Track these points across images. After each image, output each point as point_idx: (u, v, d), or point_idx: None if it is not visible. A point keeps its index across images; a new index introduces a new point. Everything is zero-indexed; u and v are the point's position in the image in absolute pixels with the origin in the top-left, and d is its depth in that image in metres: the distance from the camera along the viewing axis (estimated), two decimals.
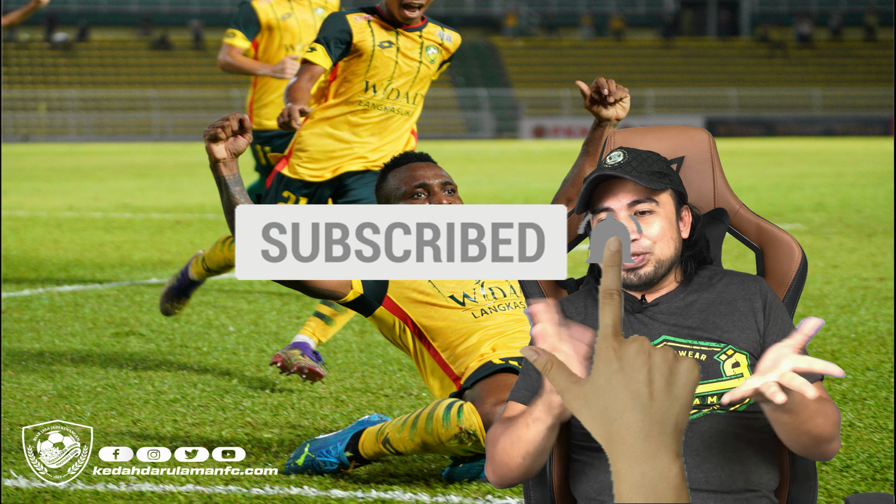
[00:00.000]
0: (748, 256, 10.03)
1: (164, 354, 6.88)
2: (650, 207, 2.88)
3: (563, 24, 63.16)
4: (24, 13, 9.93)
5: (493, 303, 4.45)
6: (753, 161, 29.80)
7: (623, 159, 2.89)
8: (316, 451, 4.59)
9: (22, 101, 53.11)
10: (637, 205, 2.88)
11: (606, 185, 2.90)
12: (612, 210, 2.88)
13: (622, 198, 2.88)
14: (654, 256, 2.88)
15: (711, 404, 2.82)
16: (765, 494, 2.83)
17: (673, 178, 2.92)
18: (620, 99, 4.44)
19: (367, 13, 6.04)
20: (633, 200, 2.88)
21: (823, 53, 60.90)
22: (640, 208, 2.88)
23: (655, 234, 2.87)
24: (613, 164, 2.88)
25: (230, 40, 8.09)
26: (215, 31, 56.67)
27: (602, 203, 2.89)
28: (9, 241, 12.69)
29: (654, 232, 2.87)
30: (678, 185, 2.93)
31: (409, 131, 6.27)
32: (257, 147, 8.47)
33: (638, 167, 2.87)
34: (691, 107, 55.09)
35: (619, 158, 2.89)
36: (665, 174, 2.90)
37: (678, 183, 2.93)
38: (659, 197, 2.89)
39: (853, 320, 7.73)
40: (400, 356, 6.71)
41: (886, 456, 4.79)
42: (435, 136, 47.04)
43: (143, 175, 25.39)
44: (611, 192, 2.89)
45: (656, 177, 2.88)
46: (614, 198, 2.89)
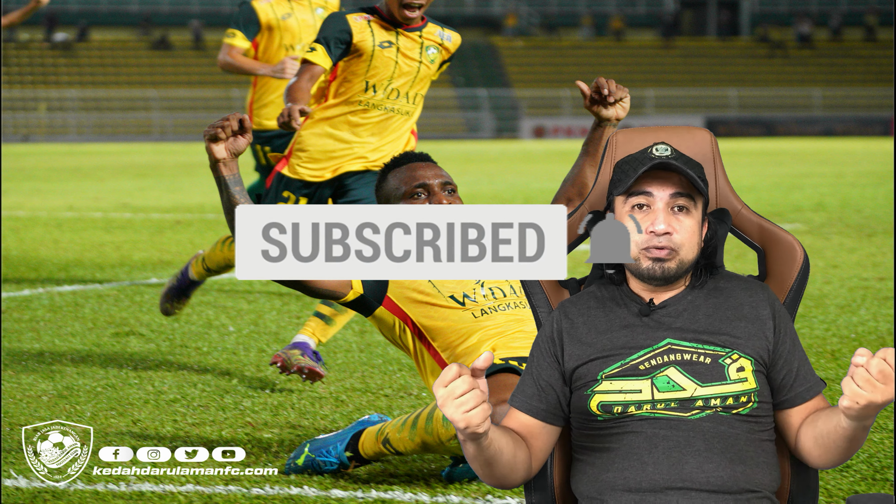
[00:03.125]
0: (748, 256, 10.03)
1: (164, 354, 6.88)
2: (688, 205, 2.88)
3: (563, 24, 63.15)
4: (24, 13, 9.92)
5: (493, 303, 4.45)
6: (753, 161, 29.80)
7: (671, 154, 2.88)
8: (316, 451, 4.59)
9: (22, 101, 53.10)
10: (679, 198, 2.87)
11: (650, 173, 2.88)
12: (654, 197, 2.87)
13: (667, 187, 2.87)
14: (680, 256, 2.87)
15: (714, 406, 2.82)
16: (766, 495, 2.83)
17: (707, 186, 2.93)
18: (620, 99, 4.43)
19: (367, 13, 6.04)
20: (677, 192, 2.87)
21: (823, 53, 60.89)
22: (680, 203, 2.87)
23: (686, 234, 2.87)
24: (663, 156, 2.87)
25: (230, 40, 8.09)
26: (215, 31, 56.67)
27: (644, 187, 2.88)
28: (9, 241, 12.69)
29: (685, 231, 2.87)
30: (708, 195, 2.94)
31: (409, 131, 6.27)
32: (257, 147, 8.47)
33: (686, 164, 2.87)
34: (691, 107, 55.08)
35: (666, 152, 2.88)
36: (705, 181, 2.91)
37: (708, 193, 2.94)
38: (697, 200, 2.89)
39: (853, 320, 7.73)
40: (400, 356, 6.71)
41: (886, 456, 4.79)
42: (435, 136, 47.03)
43: (143, 175, 25.39)
44: (656, 180, 2.88)
45: (699, 180, 2.89)
46: (660, 186, 2.87)
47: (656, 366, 2.84)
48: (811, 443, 2.82)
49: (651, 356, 2.85)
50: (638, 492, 2.80)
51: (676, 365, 2.84)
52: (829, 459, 2.80)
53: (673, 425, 2.81)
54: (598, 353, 2.88)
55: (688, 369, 2.83)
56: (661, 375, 2.84)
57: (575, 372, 2.89)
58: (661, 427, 2.81)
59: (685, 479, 2.79)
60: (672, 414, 2.82)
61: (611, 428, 2.85)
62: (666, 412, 2.82)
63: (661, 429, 2.81)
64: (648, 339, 2.87)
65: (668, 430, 2.81)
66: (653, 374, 2.84)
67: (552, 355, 2.91)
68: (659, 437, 2.81)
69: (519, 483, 2.87)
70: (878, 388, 2.55)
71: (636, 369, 2.85)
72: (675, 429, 2.81)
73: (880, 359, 2.54)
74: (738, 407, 2.83)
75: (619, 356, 2.87)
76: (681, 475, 2.79)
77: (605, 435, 2.86)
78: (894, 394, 2.54)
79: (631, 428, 2.83)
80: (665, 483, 2.79)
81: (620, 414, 2.84)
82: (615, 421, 2.85)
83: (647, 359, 2.85)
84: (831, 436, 2.75)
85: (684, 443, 2.80)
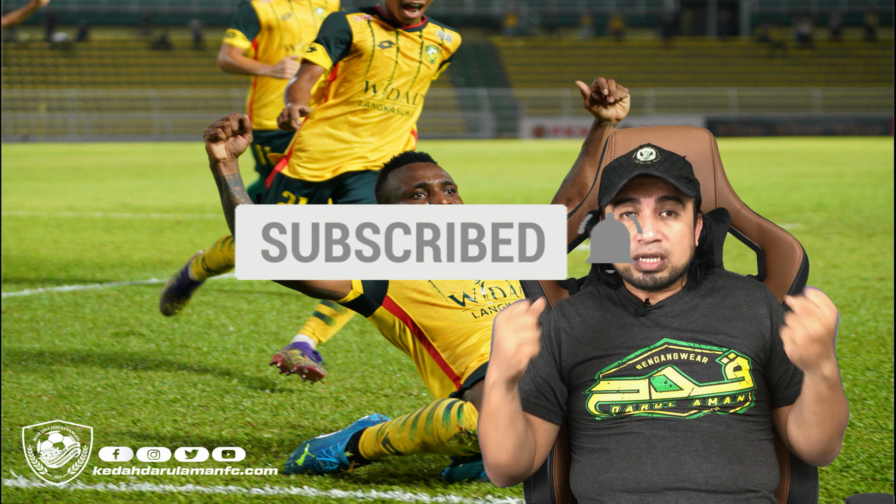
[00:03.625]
0: (748, 256, 10.03)
1: (164, 354, 6.88)
2: (676, 208, 2.87)
3: (563, 24, 63.14)
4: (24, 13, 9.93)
5: (493, 303, 4.45)
6: (753, 161, 29.80)
7: (656, 158, 2.87)
8: (316, 451, 4.59)
9: (22, 101, 53.10)
10: (666, 202, 2.86)
11: (636, 179, 2.88)
12: (640, 203, 2.86)
13: (653, 193, 2.87)
14: (672, 264, 2.87)
15: (712, 406, 2.82)
16: (765, 495, 2.83)
17: (696, 185, 2.92)
18: (620, 99, 4.43)
19: (367, 13, 6.04)
20: (663, 196, 2.87)
21: (823, 53, 60.89)
22: (668, 207, 2.86)
23: (675, 239, 2.86)
24: (647, 162, 2.86)
25: (230, 40, 8.09)
26: (215, 31, 56.67)
27: (630, 194, 2.88)
28: (9, 241, 12.69)
29: (674, 237, 2.86)
30: (699, 192, 2.93)
31: (409, 131, 6.27)
32: (257, 147, 8.47)
33: (671, 168, 2.86)
34: (691, 107, 55.08)
35: (651, 157, 2.87)
36: (692, 180, 2.90)
37: (699, 190, 2.93)
38: (685, 202, 2.89)
39: (853, 320, 7.73)
40: (400, 356, 6.71)
41: (886, 456, 4.79)
42: (435, 136, 47.03)
43: (143, 175, 25.39)
44: (641, 187, 2.87)
45: (685, 182, 2.87)
46: (644, 193, 2.87)
47: (653, 365, 2.85)
48: (795, 428, 2.81)
49: (648, 356, 2.86)
50: (637, 492, 2.80)
51: (673, 364, 2.84)
52: (813, 436, 2.77)
53: (671, 426, 2.81)
54: (596, 352, 2.88)
55: (685, 369, 2.84)
56: (658, 375, 2.84)
57: (573, 370, 2.89)
58: (660, 428, 2.82)
59: (684, 480, 2.79)
60: (670, 414, 2.82)
61: (609, 428, 2.85)
62: (664, 413, 2.82)
63: (659, 429, 2.82)
64: (645, 338, 2.87)
65: (667, 430, 2.81)
66: (650, 374, 2.84)
67: (550, 353, 2.92)
68: (657, 437, 2.81)
69: (521, 475, 2.86)
70: (803, 322, 2.60)
71: (633, 369, 2.85)
72: (673, 429, 2.81)
73: (802, 298, 2.61)
74: (735, 406, 2.83)
75: (617, 356, 2.87)
76: (679, 476, 2.79)
77: (603, 435, 2.86)
78: (824, 322, 2.60)
79: (629, 429, 2.83)
80: (664, 484, 2.79)
81: (618, 414, 2.84)
82: (613, 421, 2.85)
83: (643, 358, 2.86)
84: (806, 409, 2.75)
85: (682, 443, 2.80)
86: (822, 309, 2.60)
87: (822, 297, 2.60)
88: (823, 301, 2.60)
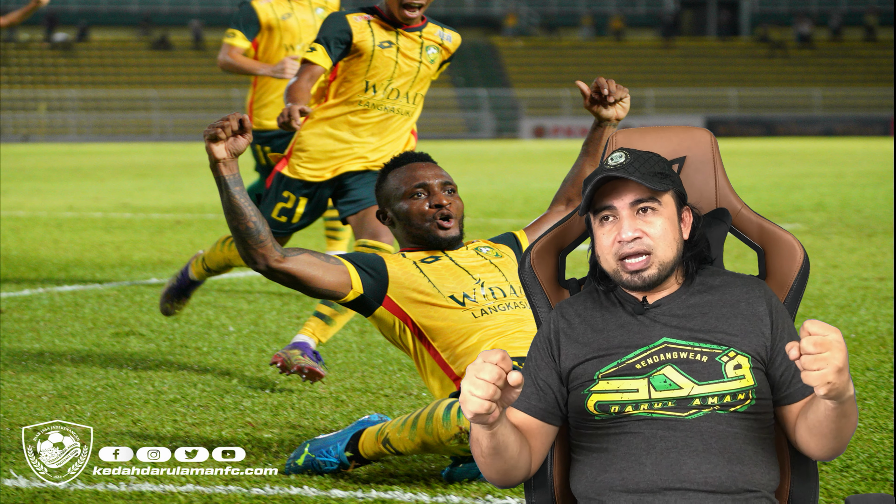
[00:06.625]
0: (749, 256, 10.03)
1: (164, 354, 6.88)
2: (652, 205, 2.88)
3: (563, 24, 63.14)
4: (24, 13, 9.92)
5: (493, 303, 4.45)
6: (753, 161, 29.80)
7: (625, 160, 2.89)
8: (316, 451, 4.59)
9: (22, 101, 53.10)
10: (640, 203, 2.88)
11: (609, 185, 2.90)
12: (615, 208, 2.88)
13: (625, 197, 2.88)
14: (658, 259, 2.88)
15: (712, 405, 2.82)
16: (765, 495, 2.83)
17: (674, 178, 2.93)
18: (620, 99, 4.44)
19: (367, 13, 6.04)
20: (636, 199, 2.88)
21: (823, 53, 60.89)
22: (643, 206, 2.88)
23: (657, 233, 2.87)
24: (615, 165, 2.88)
25: (230, 40, 8.09)
26: (215, 31, 56.67)
27: (604, 202, 2.89)
28: (9, 241, 12.69)
29: (656, 231, 2.87)
30: (679, 185, 2.94)
31: (409, 131, 6.27)
32: (257, 147, 8.47)
33: (640, 168, 2.87)
34: (691, 107, 55.08)
35: (620, 160, 2.89)
36: (666, 175, 2.90)
37: (679, 184, 2.94)
38: (661, 197, 2.90)
39: (853, 320, 7.73)
40: (400, 356, 6.71)
41: (886, 456, 4.79)
42: (435, 136, 47.03)
43: (143, 175, 25.39)
44: (614, 192, 2.89)
45: (658, 178, 2.88)
46: (617, 197, 2.89)
47: (652, 364, 2.85)
48: (807, 435, 2.82)
49: (647, 355, 2.86)
50: (636, 492, 2.80)
51: (673, 364, 2.84)
52: (830, 445, 2.79)
53: (670, 426, 2.81)
54: (595, 352, 2.88)
55: (684, 368, 2.84)
56: (657, 374, 2.84)
57: (572, 372, 2.89)
58: (659, 427, 2.82)
59: (683, 480, 2.79)
60: (670, 414, 2.82)
61: (608, 428, 2.85)
62: (663, 412, 2.82)
63: (658, 429, 2.82)
64: (644, 337, 2.88)
65: (666, 430, 2.81)
66: (649, 373, 2.84)
67: (549, 355, 2.92)
68: (657, 437, 2.81)
69: (519, 480, 2.88)
70: (825, 358, 2.53)
71: (632, 368, 2.85)
72: (672, 429, 2.81)
73: (805, 335, 2.54)
74: (735, 405, 2.83)
75: (616, 355, 2.87)
76: (679, 476, 2.79)
77: (602, 435, 2.86)
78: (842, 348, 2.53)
79: (629, 428, 2.83)
80: (663, 484, 2.79)
81: (618, 414, 2.84)
82: (613, 421, 2.85)
83: (643, 358, 2.86)
84: (823, 422, 2.75)
85: (682, 443, 2.80)
86: (830, 335, 2.53)
87: (821, 324, 2.54)
88: (824, 327, 2.54)
